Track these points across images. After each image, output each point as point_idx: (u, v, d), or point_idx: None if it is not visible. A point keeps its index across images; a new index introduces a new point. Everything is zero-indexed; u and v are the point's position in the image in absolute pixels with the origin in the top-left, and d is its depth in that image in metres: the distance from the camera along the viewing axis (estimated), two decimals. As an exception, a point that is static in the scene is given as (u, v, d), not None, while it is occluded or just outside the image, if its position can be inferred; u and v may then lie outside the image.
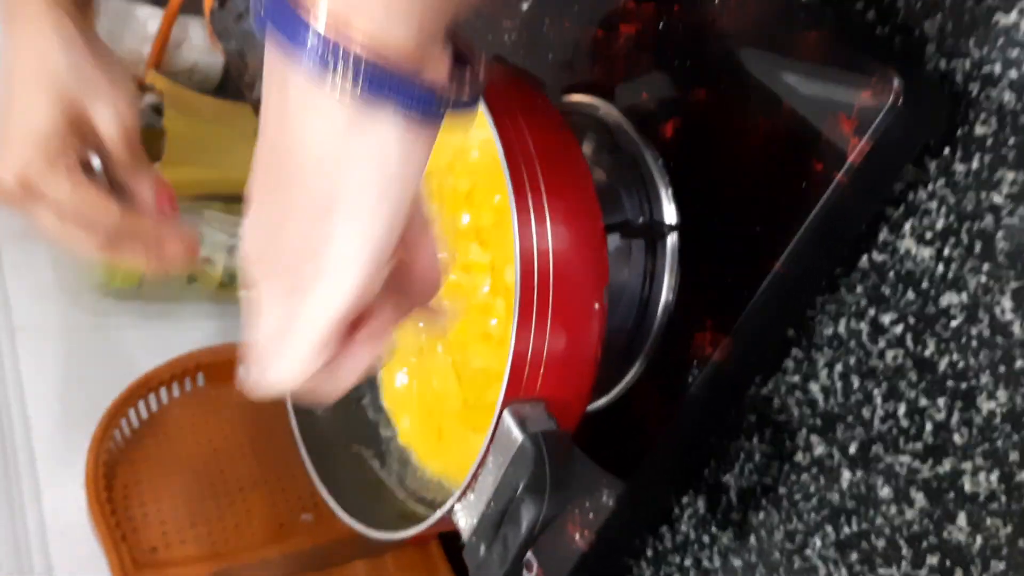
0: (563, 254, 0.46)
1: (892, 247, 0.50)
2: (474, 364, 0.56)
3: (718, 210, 0.51)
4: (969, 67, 0.47)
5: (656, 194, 0.54)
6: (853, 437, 0.52)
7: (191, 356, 0.93)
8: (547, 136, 0.48)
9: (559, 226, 0.46)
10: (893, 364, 0.50)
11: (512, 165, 0.45)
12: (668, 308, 0.54)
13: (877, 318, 0.51)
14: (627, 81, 0.57)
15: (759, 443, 0.57)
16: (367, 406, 0.64)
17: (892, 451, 0.50)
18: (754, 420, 0.57)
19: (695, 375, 0.51)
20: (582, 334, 0.46)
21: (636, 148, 0.55)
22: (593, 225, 0.47)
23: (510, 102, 0.49)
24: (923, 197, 0.49)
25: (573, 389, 0.46)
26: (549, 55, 0.62)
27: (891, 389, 0.50)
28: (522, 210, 0.46)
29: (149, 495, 0.83)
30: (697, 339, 0.52)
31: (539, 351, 0.45)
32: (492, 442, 0.43)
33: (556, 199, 0.47)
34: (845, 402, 0.52)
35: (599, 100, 0.58)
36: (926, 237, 0.49)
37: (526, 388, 0.44)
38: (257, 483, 0.87)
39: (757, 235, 0.48)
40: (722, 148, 0.50)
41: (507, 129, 0.45)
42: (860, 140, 0.43)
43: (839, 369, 0.53)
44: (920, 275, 0.49)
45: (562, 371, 0.45)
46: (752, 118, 0.49)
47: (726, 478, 0.59)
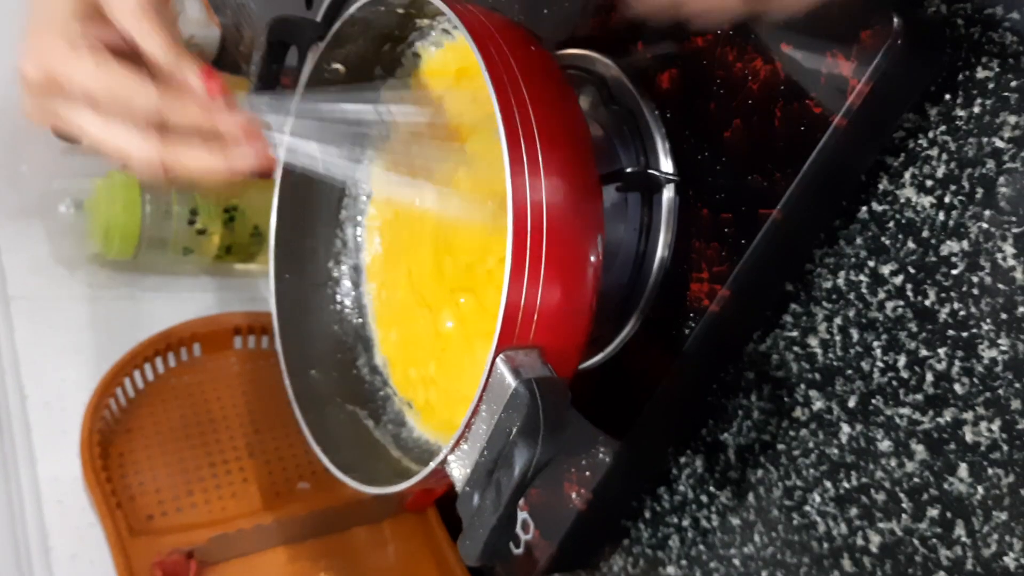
0: (557, 203, 0.45)
1: (892, 196, 0.49)
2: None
3: (715, 160, 0.50)
4: (971, 10, 0.46)
5: (653, 146, 0.53)
6: (852, 391, 0.51)
7: (186, 325, 0.92)
8: (542, 84, 0.47)
9: (553, 175, 0.45)
10: (893, 315, 0.49)
11: (505, 112, 0.45)
12: (664, 263, 0.53)
13: (877, 269, 0.50)
14: (622, 33, 0.56)
15: (757, 400, 0.56)
16: (362, 366, 0.63)
17: (892, 403, 0.49)
18: (752, 377, 0.56)
19: (692, 328, 0.50)
20: (577, 283, 0.46)
21: (633, 101, 0.54)
22: (588, 173, 0.47)
23: (501, 42, 0.48)
24: (923, 144, 0.48)
25: (568, 338, 0.45)
26: (544, 10, 0.61)
27: (891, 341, 0.50)
28: (515, 159, 0.45)
29: (145, 463, 0.83)
30: (694, 290, 0.51)
31: (532, 299, 0.44)
32: (485, 390, 0.42)
33: (550, 147, 0.46)
34: (844, 355, 0.52)
35: (595, 53, 0.57)
36: (927, 185, 0.48)
37: (519, 336, 0.44)
38: (253, 452, 0.86)
39: (755, 183, 0.47)
40: (719, 96, 0.49)
41: (500, 76, 0.45)
42: (859, 81, 0.42)
43: (838, 322, 0.52)
44: (921, 224, 0.48)
45: (557, 320, 0.45)
46: (750, 63, 0.48)
47: (724, 436, 0.58)
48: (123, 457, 0.83)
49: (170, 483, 0.82)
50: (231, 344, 0.94)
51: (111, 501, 0.77)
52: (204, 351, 0.93)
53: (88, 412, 0.82)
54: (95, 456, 0.79)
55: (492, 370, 0.42)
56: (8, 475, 0.84)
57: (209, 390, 0.90)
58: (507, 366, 0.42)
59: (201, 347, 0.93)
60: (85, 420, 0.82)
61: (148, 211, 0.99)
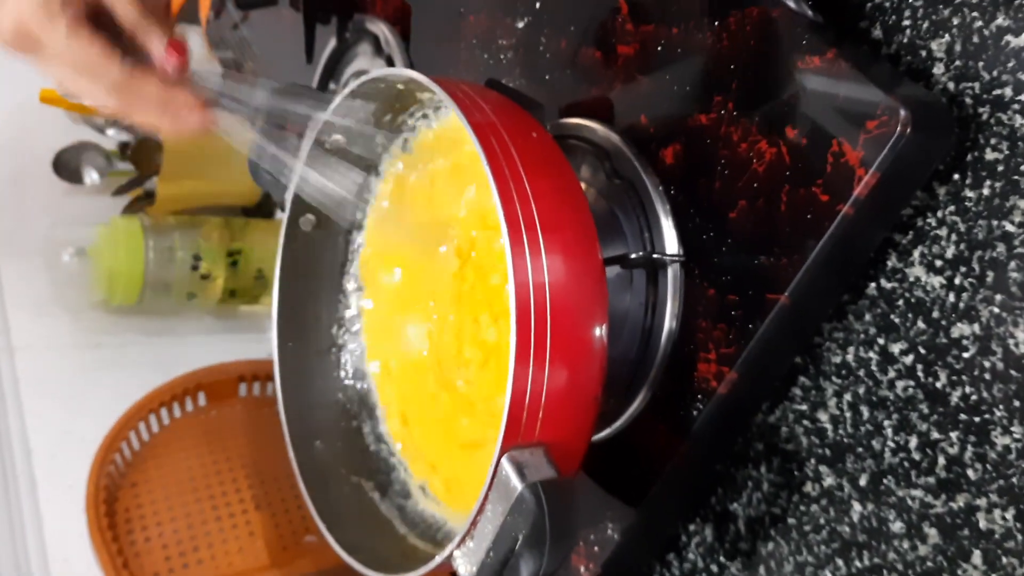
0: (561, 292, 0.45)
1: (901, 274, 0.49)
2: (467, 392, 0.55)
3: (721, 240, 0.49)
4: (979, 90, 0.45)
5: (656, 221, 0.52)
6: (863, 469, 0.51)
7: (192, 376, 0.92)
8: (542, 167, 0.46)
9: (556, 263, 0.45)
10: (904, 395, 0.49)
11: (505, 199, 0.44)
12: (672, 337, 0.52)
13: (887, 347, 0.49)
14: (625, 104, 0.55)
15: (767, 472, 0.56)
16: (367, 434, 0.63)
17: (904, 484, 0.49)
18: (761, 448, 0.56)
19: (700, 410, 0.50)
20: (582, 374, 0.45)
21: (635, 173, 0.53)
22: (592, 261, 0.46)
23: (501, 131, 0.47)
24: (932, 224, 0.47)
25: (574, 431, 0.45)
26: (546, 76, 0.61)
27: (902, 421, 0.49)
28: (516, 246, 0.44)
29: (151, 519, 0.83)
30: (701, 370, 0.50)
31: (538, 392, 0.44)
32: (491, 489, 0.42)
33: (552, 234, 0.45)
34: (855, 432, 0.51)
35: (597, 123, 0.56)
36: (936, 265, 0.47)
37: (525, 431, 0.43)
38: (260, 504, 0.86)
39: (761, 267, 0.47)
40: (725, 176, 0.49)
41: (498, 162, 0.44)
42: (866, 173, 0.42)
43: (848, 398, 0.51)
44: (931, 304, 0.47)
45: (562, 413, 0.44)
46: (755, 145, 0.47)
47: (734, 506, 0.58)
48: (129, 512, 0.83)
49: (176, 539, 0.82)
50: (236, 392, 0.94)
51: (117, 561, 0.77)
52: (209, 400, 0.93)
53: (94, 468, 0.82)
54: (101, 515, 0.79)
55: (497, 470, 0.42)
56: (14, 531, 0.84)
57: (215, 440, 0.90)
58: (512, 467, 0.41)
59: (206, 396, 0.93)
60: (91, 476, 0.82)
61: (151, 257, 0.99)
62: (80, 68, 0.53)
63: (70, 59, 0.53)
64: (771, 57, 0.47)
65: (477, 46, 0.67)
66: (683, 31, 0.51)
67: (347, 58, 0.83)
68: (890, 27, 0.49)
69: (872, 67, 0.44)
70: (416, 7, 0.76)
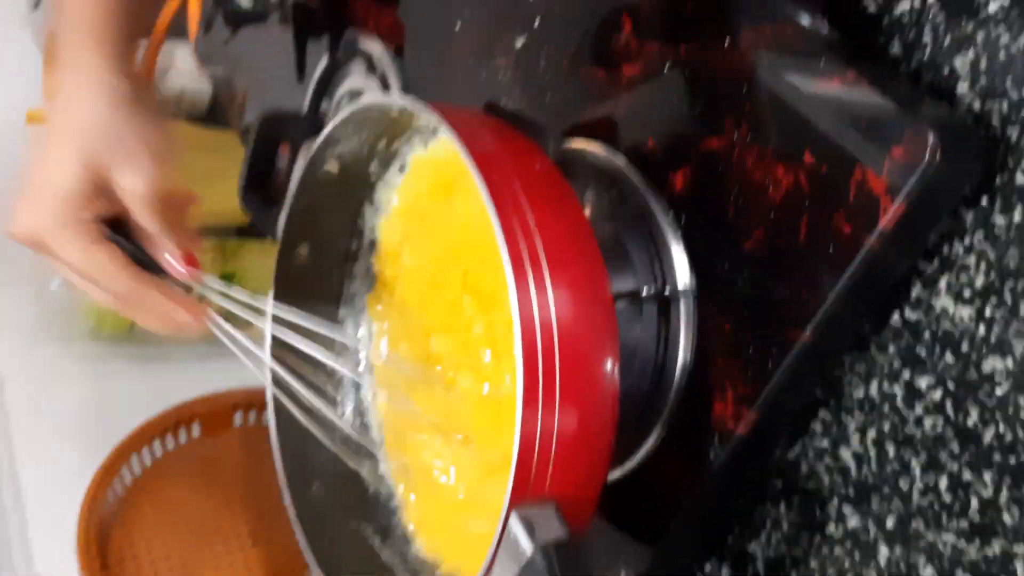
0: (569, 331, 0.42)
1: (927, 305, 0.46)
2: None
3: (736, 272, 0.46)
4: (1007, 109, 0.43)
5: (667, 249, 0.50)
6: (890, 510, 0.48)
7: (185, 406, 0.89)
8: (547, 203, 0.44)
9: (563, 300, 0.42)
10: (932, 433, 0.46)
11: (508, 235, 0.41)
12: (685, 372, 0.50)
13: (913, 381, 0.47)
14: (631, 126, 0.53)
15: (787, 511, 0.53)
16: (366, 477, 0.60)
17: (935, 528, 0.46)
18: (780, 486, 0.53)
19: (717, 452, 0.47)
20: (595, 419, 0.42)
21: (643, 200, 0.51)
22: (600, 297, 0.43)
23: (502, 162, 0.45)
24: (959, 251, 0.45)
25: (587, 483, 0.42)
26: (547, 95, 0.58)
27: (931, 460, 0.46)
28: (521, 282, 0.42)
29: (144, 557, 0.80)
30: (718, 410, 0.48)
31: (547, 440, 0.41)
32: (498, 548, 0.39)
33: (559, 269, 0.43)
34: (880, 471, 0.48)
35: (601, 146, 0.54)
36: (964, 295, 0.45)
37: (534, 484, 0.40)
38: (257, 540, 0.83)
39: (780, 301, 0.44)
40: (739, 203, 0.46)
41: (504, 200, 0.41)
42: (893, 203, 0.39)
43: (872, 435, 0.49)
44: (959, 336, 0.45)
45: (574, 462, 0.41)
46: (770, 170, 0.45)
47: (752, 547, 0.55)
48: (122, 552, 0.80)
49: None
50: (231, 422, 0.91)
51: (111, 604, 0.74)
52: (203, 431, 0.90)
53: (85, 506, 0.79)
54: (93, 556, 0.76)
55: (505, 528, 0.39)
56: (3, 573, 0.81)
57: (210, 473, 0.87)
58: (522, 525, 0.39)
59: (200, 427, 0.90)
60: (82, 514, 0.79)
61: (142, 283, 0.96)
62: (88, 276, 0.54)
63: (81, 268, 0.54)
64: (786, 77, 0.44)
65: (474, 64, 0.64)
66: (691, 49, 0.49)
67: (340, 76, 0.80)
68: (909, 43, 0.47)
69: (895, 88, 0.42)
70: (409, 24, 0.73)
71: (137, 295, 0.55)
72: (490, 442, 0.49)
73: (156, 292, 0.55)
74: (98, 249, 0.53)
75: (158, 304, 0.55)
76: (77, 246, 0.53)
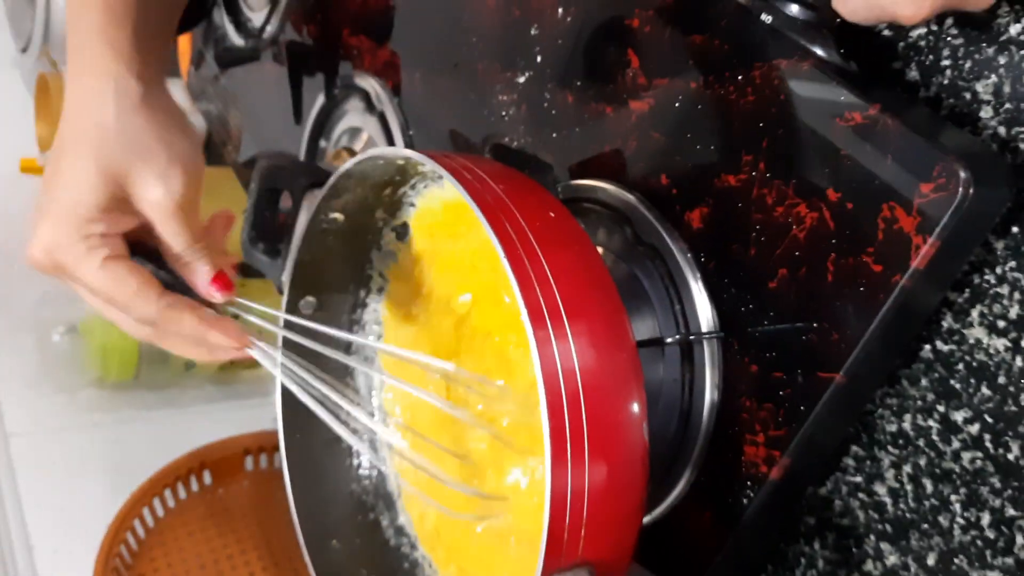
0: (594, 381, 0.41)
1: (959, 336, 0.45)
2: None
3: (761, 312, 0.45)
4: (1033, 133, 0.41)
5: (687, 290, 0.48)
6: (931, 547, 0.47)
7: (195, 454, 0.88)
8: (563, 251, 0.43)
9: (585, 350, 0.41)
10: (971, 467, 0.45)
11: (527, 293, 0.40)
12: (713, 414, 0.48)
13: (948, 415, 0.45)
14: (642, 163, 0.52)
15: (821, 548, 0.51)
16: (386, 527, 0.58)
17: (979, 566, 0.45)
18: (813, 523, 0.52)
19: (750, 497, 0.46)
20: (626, 474, 0.41)
21: (660, 238, 0.49)
22: (624, 345, 0.42)
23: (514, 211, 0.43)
24: (991, 281, 0.43)
25: (619, 542, 0.41)
26: (552, 133, 0.57)
27: (971, 495, 0.45)
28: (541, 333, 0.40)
29: (162, 613, 0.78)
30: (748, 454, 0.46)
31: (579, 499, 0.39)
32: (533, 620, 0.38)
33: (579, 319, 0.41)
34: (918, 507, 0.47)
35: (612, 184, 0.52)
36: (999, 326, 0.43)
37: (567, 549, 0.39)
38: (275, 586, 0.82)
39: (810, 343, 0.43)
40: (760, 243, 0.45)
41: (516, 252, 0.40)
42: (925, 242, 0.38)
43: (908, 470, 0.47)
44: (995, 368, 0.43)
45: (606, 522, 0.40)
46: (792, 209, 0.43)
47: (787, 585, 0.53)
48: (138, 608, 0.78)
49: (188, 635, 0.78)
50: (242, 467, 0.90)
51: (129, 665, 0.73)
52: (215, 478, 0.89)
53: (99, 562, 0.78)
54: (109, 617, 0.75)
55: (540, 599, 0.38)
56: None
57: (223, 521, 0.86)
58: (557, 594, 0.37)
59: (211, 474, 0.89)
60: (96, 572, 0.77)
61: (146, 329, 0.95)
62: (113, 299, 0.49)
63: (101, 290, 0.48)
64: (804, 113, 0.43)
65: (476, 102, 0.63)
66: (702, 85, 0.48)
67: (337, 115, 0.79)
68: (928, 68, 0.45)
69: (920, 119, 0.40)
70: (405, 60, 0.72)
71: (168, 319, 0.49)
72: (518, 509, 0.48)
73: (190, 314, 0.50)
74: (121, 266, 0.48)
75: (192, 328, 0.50)
76: (96, 262, 0.48)
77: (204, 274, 0.51)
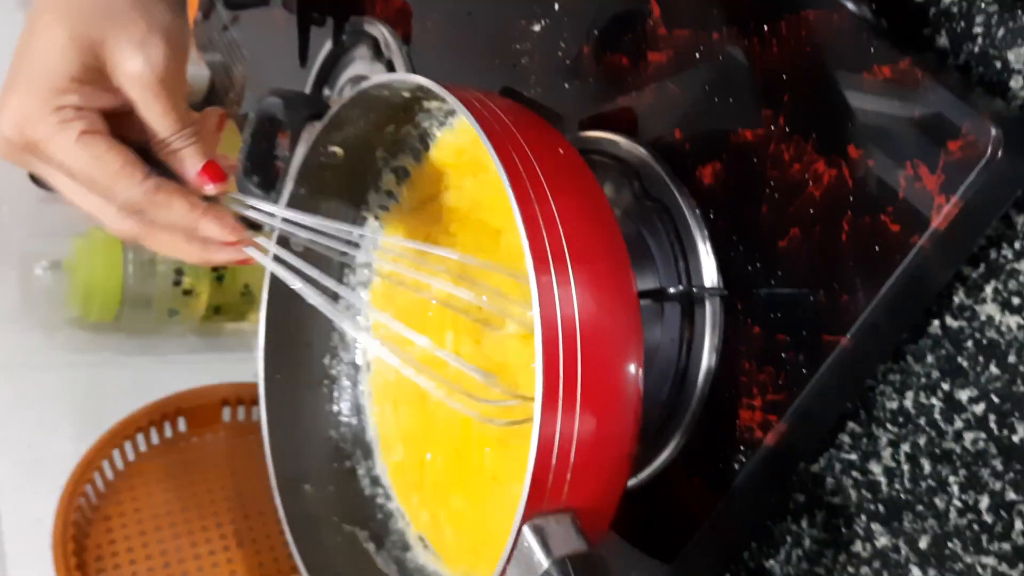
0: (592, 330, 0.39)
1: (970, 312, 0.43)
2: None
3: (769, 272, 0.44)
4: (1064, 105, 0.40)
5: (693, 248, 0.47)
6: (924, 529, 0.45)
7: (171, 399, 0.86)
8: (570, 187, 0.41)
9: (587, 297, 0.39)
10: (973, 449, 0.43)
11: (529, 224, 0.38)
12: (709, 378, 0.47)
13: (952, 393, 0.44)
14: (656, 116, 0.50)
15: (809, 527, 0.50)
16: (362, 477, 0.57)
17: (973, 550, 0.43)
18: (803, 500, 0.50)
19: (742, 461, 0.44)
20: (616, 424, 0.39)
21: (669, 194, 0.48)
22: (626, 296, 0.40)
23: (524, 146, 0.42)
24: (1008, 256, 0.42)
25: (605, 492, 0.39)
26: (565, 84, 0.55)
27: (971, 477, 0.43)
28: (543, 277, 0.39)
29: (124, 556, 0.77)
30: (744, 418, 0.45)
31: (566, 446, 0.38)
32: (509, 562, 0.36)
33: (583, 264, 0.40)
34: (914, 488, 0.45)
35: (622, 137, 0.51)
36: (1013, 303, 0.42)
37: (551, 494, 0.37)
38: (243, 540, 0.80)
39: (818, 304, 0.41)
40: (774, 200, 0.43)
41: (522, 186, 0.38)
42: (947, 201, 0.36)
43: (906, 449, 0.46)
44: (1006, 347, 0.42)
45: (594, 471, 0.39)
46: (810, 165, 0.42)
47: (770, 563, 0.52)
48: (100, 549, 0.76)
49: (151, 578, 0.76)
50: (219, 417, 0.88)
51: (87, 607, 0.71)
52: (190, 426, 0.87)
53: (63, 500, 0.76)
54: (69, 553, 0.73)
55: (518, 540, 0.36)
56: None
57: (195, 470, 0.84)
58: (536, 537, 0.36)
59: (187, 422, 0.87)
60: (59, 510, 0.76)
61: (131, 271, 0.93)
62: (91, 183, 0.44)
63: (80, 171, 0.44)
64: (831, 66, 0.41)
65: (488, 51, 0.61)
66: (725, 36, 0.46)
67: (343, 62, 0.77)
68: (958, 35, 0.44)
69: (951, 78, 0.39)
70: (418, 8, 0.70)
71: (155, 203, 0.45)
72: (503, 447, 0.46)
73: (180, 198, 0.45)
74: (100, 142, 0.44)
75: (183, 214, 0.45)
76: (72, 136, 0.43)
77: (194, 162, 0.46)
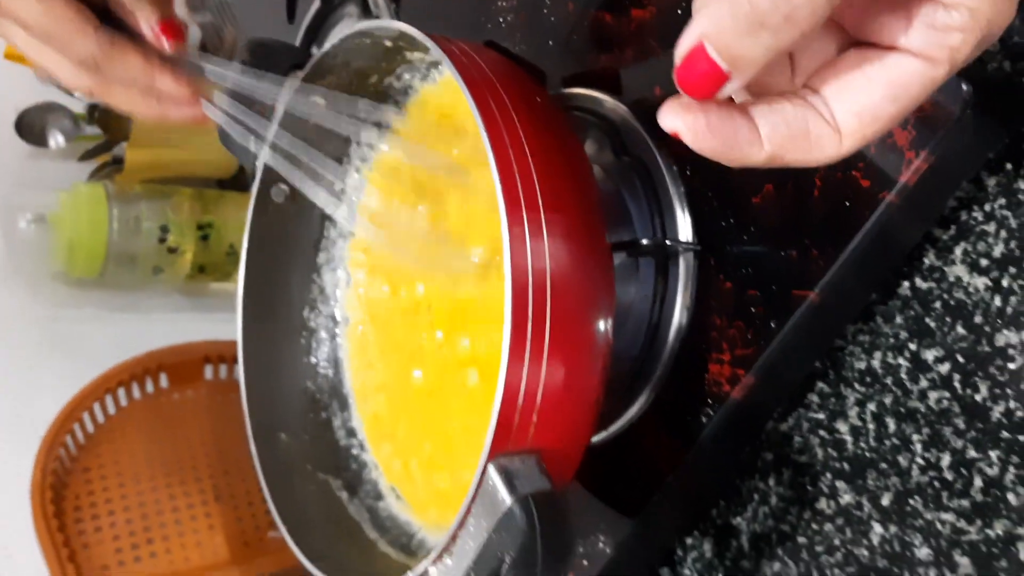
0: (563, 279, 0.39)
1: (939, 273, 0.44)
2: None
3: (741, 228, 0.44)
4: (1039, 70, 0.40)
5: (669, 204, 0.47)
6: (887, 487, 0.46)
7: (153, 355, 0.86)
8: (546, 136, 0.41)
9: (559, 246, 0.40)
10: (937, 407, 0.44)
11: (504, 175, 0.39)
12: (680, 334, 0.47)
13: (919, 354, 0.44)
14: (637, 74, 0.50)
15: (776, 484, 0.51)
16: (337, 428, 0.57)
17: (933, 507, 0.44)
18: (771, 458, 0.51)
19: (710, 416, 0.45)
20: (584, 372, 0.40)
21: (647, 152, 0.48)
22: (598, 246, 0.41)
23: (501, 93, 0.42)
24: (979, 218, 0.42)
25: (571, 437, 0.40)
26: (549, 41, 0.55)
27: (934, 436, 0.44)
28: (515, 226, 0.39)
29: (102, 507, 0.77)
30: (712, 372, 0.45)
31: (533, 391, 0.38)
32: (474, 501, 0.37)
33: (555, 213, 0.40)
34: (878, 446, 0.46)
35: (604, 94, 0.51)
36: (981, 264, 0.42)
37: (516, 435, 0.38)
38: (221, 495, 0.80)
39: (788, 260, 0.42)
40: (748, 155, 0.43)
41: (498, 131, 0.39)
42: (917, 157, 0.37)
43: (872, 408, 0.46)
44: (972, 308, 0.43)
45: (559, 416, 0.39)
46: (784, 122, 0.42)
47: (737, 520, 0.53)
48: (79, 500, 0.77)
49: (129, 530, 0.76)
50: (201, 375, 0.88)
51: (62, 553, 0.71)
52: (171, 382, 0.87)
53: (42, 450, 0.76)
54: (47, 501, 0.73)
55: (483, 479, 0.36)
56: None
57: (175, 426, 0.84)
58: (500, 476, 0.36)
59: (168, 378, 0.87)
60: (38, 460, 0.76)
61: (115, 227, 0.93)
62: (46, 36, 0.45)
63: (34, 23, 0.44)
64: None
65: (473, 8, 0.61)
66: (707, -7, 0.46)
67: (332, 20, 0.77)
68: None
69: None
70: (408, -34, 0.70)
71: (110, 56, 0.45)
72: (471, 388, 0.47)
73: (135, 53, 0.46)
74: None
75: (138, 68, 0.46)
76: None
77: (149, 17, 0.46)
